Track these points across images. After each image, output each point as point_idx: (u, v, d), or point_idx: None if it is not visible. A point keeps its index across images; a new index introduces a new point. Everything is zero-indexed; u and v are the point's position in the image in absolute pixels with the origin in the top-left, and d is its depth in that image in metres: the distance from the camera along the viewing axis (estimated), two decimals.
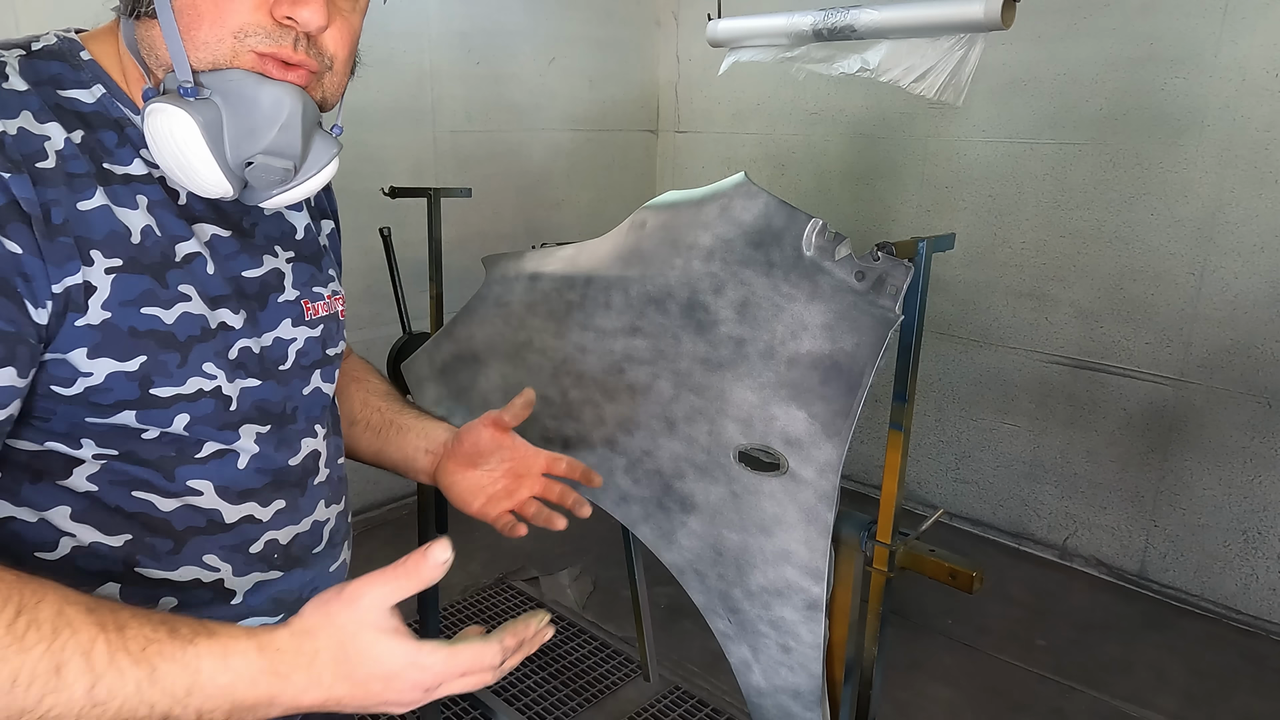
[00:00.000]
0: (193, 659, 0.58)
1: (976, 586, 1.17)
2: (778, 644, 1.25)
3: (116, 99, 0.73)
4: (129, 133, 0.73)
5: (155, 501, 0.75)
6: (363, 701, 0.64)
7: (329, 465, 0.92)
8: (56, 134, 0.68)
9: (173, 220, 0.74)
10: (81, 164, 0.68)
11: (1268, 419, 2.79)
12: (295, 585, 0.86)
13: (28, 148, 0.65)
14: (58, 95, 0.70)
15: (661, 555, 1.38)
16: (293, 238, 0.88)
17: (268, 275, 0.83)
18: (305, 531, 0.87)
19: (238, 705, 0.60)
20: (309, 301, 0.88)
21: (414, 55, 3.34)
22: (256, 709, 0.61)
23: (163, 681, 0.57)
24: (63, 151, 0.67)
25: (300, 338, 0.86)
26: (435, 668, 0.64)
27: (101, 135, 0.71)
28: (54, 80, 0.70)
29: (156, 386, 0.71)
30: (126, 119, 0.73)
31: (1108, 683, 2.58)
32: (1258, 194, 2.71)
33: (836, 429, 1.13)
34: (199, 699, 0.58)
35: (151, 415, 0.72)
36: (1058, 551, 3.31)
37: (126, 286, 0.69)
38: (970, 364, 3.45)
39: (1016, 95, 3.14)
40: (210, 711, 0.59)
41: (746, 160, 4.00)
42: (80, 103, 0.71)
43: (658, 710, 2.40)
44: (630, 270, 1.35)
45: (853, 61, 2.11)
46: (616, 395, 1.37)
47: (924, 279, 1.16)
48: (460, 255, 3.21)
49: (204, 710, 0.59)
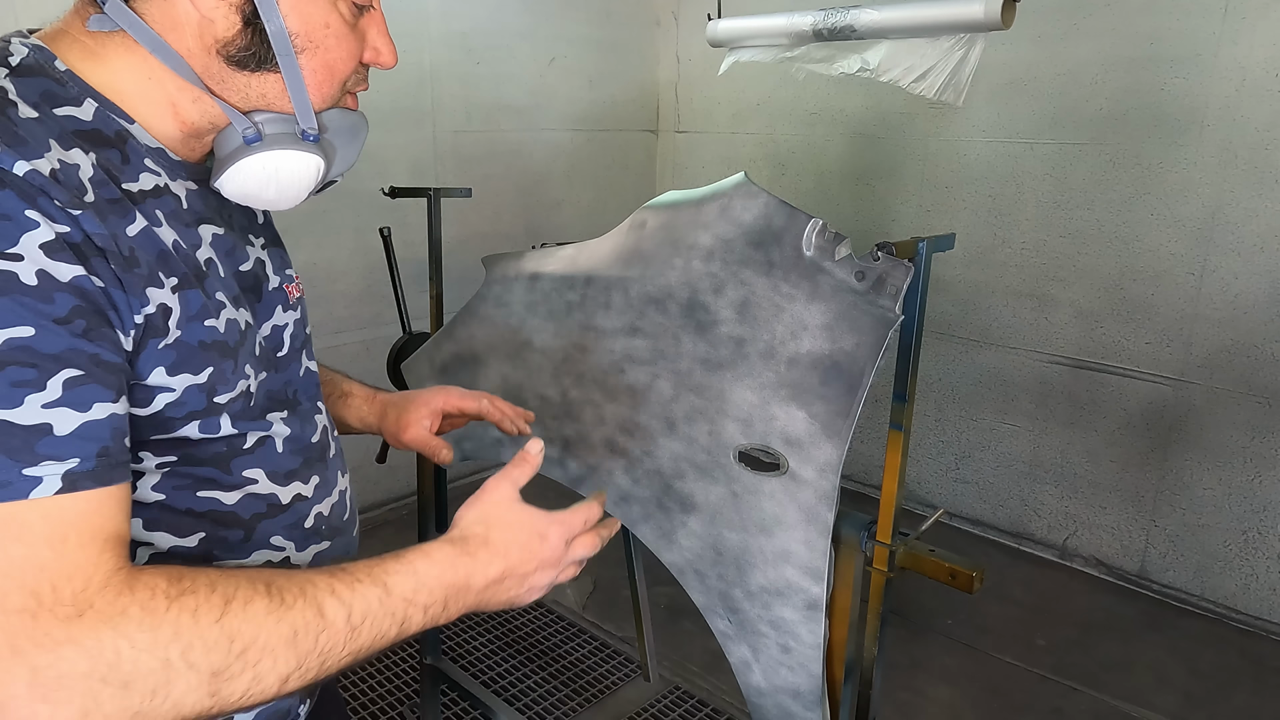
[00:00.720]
0: (407, 564, 0.72)
1: (976, 586, 1.17)
2: (778, 644, 1.25)
3: (110, 111, 0.71)
4: (130, 147, 0.71)
5: (220, 497, 0.78)
6: (527, 562, 0.79)
7: (334, 438, 0.97)
8: (83, 161, 0.65)
9: (186, 230, 0.75)
10: (110, 189, 0.67)
11: (1268, 419, 2.79)
12: (339, 552, 0.92)
13: (71, 181, 0.63)
14: (56, 116, 0.66)
15: (661, 555, 1.38)
16: (258, 224, 0.91)
17: (255, 266, 0.85)
18: (336, 501, 0.93)
19: (449, 589, 0.74)
20: (288, 285, 0.91)
21: (414, 55, 3.34)
22: (460, 592, 0.74)
23: (395, 590, 0.70)
24: (93, 179, 0.66)
25: (290, 322, 0.89)
26: (566, 519, 0.82)
27: (108, 154, 0.69)
28: (48, 98, 0.67)
29: (219, 394, 0.74)
30: (125, 132, 0.71)
31: (1108, 683, 2.58)
32: (1258, 194, 2.71)
33: (836, 429, 1.13)
34: (424, 595, 0.71)
35: (210, 422, 0.75)
36: (1058, 551, 3.31)
37: (188, 303, 0.71)
38: (970, 364, 3.45)
39: (1016, 95, 3.14)
40: (431, 604, 0.72)
41: (746, 160, 4.00)
42: (79, 120, 0.68)
43: (658, 710, 2.40)
44: (630, 270, 1.35)
45: (853, 61, 2.11)
46: (616, 395, 1.37)
47: (924, 279, 1.16)
48: (460, 255, 3.21)
49: (428, 604, 0.72)
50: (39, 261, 0.59)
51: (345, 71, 0.79)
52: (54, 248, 0.60)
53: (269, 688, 0.62)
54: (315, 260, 3.16)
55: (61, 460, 0.58)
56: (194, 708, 0.59)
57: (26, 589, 0.56)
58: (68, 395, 0.59)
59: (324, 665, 0.65)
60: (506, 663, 2.58)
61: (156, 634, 0.58)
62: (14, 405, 0.57)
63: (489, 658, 2.60)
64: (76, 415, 0.59)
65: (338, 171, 0.85)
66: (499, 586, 0.78)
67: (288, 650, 0.63)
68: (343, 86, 0.80)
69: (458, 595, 0.74)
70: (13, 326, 0.57)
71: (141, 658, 0.57)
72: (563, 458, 1.50)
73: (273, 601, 0.63)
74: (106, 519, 0.61)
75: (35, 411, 0.58)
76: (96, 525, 0.60)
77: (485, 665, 2.56)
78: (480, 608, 0.77)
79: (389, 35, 0.83)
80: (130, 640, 0.57)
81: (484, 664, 2.57)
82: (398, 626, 0.70)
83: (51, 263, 0.59)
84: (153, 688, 0.58)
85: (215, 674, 0.60)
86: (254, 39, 0.72)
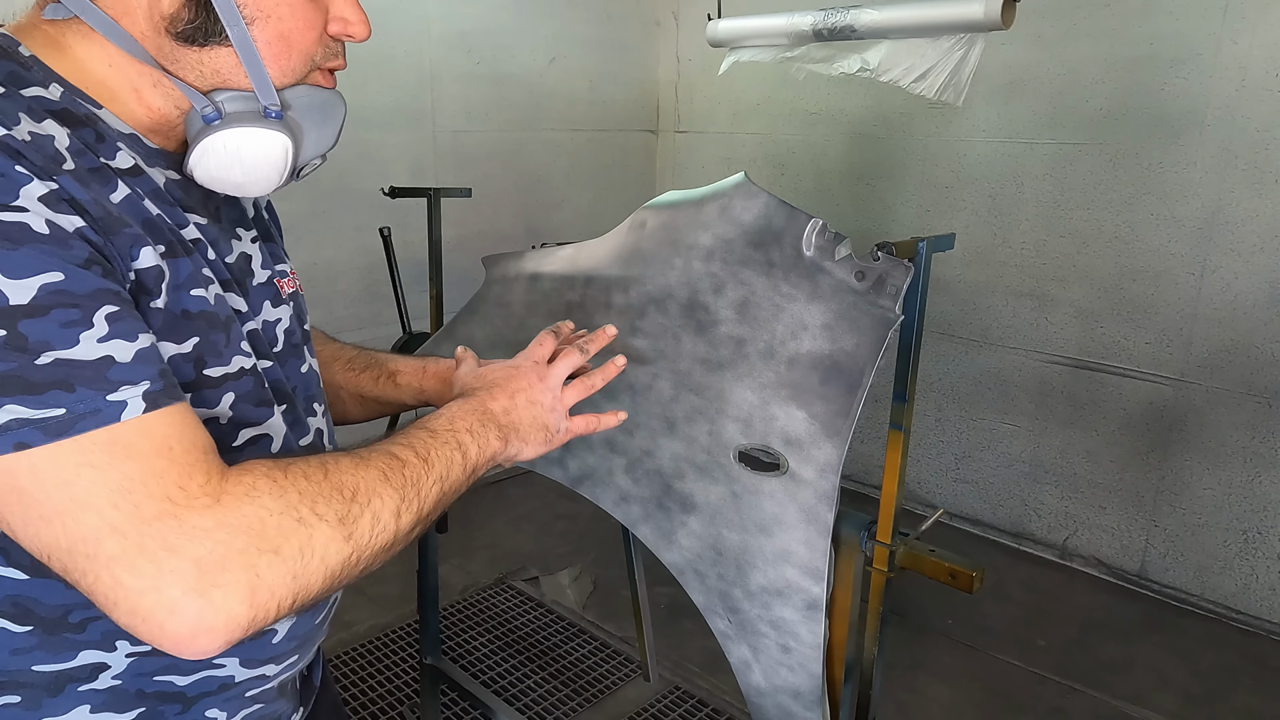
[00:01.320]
0: (432, 415, 0.85)
1: (976, 586, 1.17)
2: (778, 644, 1.25)
3: (76, 96, 0.71)
4: (101, 129, 0.71)
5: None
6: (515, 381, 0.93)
7: (330, 441, 0.94)
8: (58, 132, 0.66)
9: (170, 209, 0.74)
10: (90, 158, 0.68)
11: (1268, 419, 2.79)
12: None
13: (46, 150, 0.64)
14: (23, 95, 0.67)
15: (661, 555, 1.38)
16: (248, 218, 0.90)
17: (240, 259, 0.84)
18: None
19: (475, 414, 0.87)
20: (279, 280, 0.89)
21: (414, 55, 3.34)
22: (485, 415, 0.87)
23: (440, 433, 0.81)
24: (71, 149, 0.66)
25: (284, 317, 0.88)
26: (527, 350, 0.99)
27: (82, 132, 0.69)
28: (13, 79, 0.67)
29: (209, 367, 0.73)
30: (93, 115, 0.71)
31: (1108, 683, 2.58)
32: (1258, 194, 2.71)
33: (836, 429, 1.13)
34: (460, 422, 0.84)
35: (204, 396, 0.74)
36: (1058, 551, 3.31)
37: (177, 269, 0.71)
38: (970, 364, 3.45)
39: (1016, 95, 3.14)
40: (472, 428, 0.84)
41: (746, 160, 4.00)
42: (48, 100, 0.68)
43: (658, 710, 2.40)
44: (630, 270, 1.35)
45: (853, 61, 2.11)
46: (616, 395, 1.37)
47: (924, 279, 1.16)
48: (460, 255, 3.21)
49: (468, 428, 0.84)
50: (43, 212, 0.60)
51: (305, 43, 0.76)
52: (52, 200, 0.61)
53: (388, 524, 0.70)
54: (315, 260, 3.16)
55: (135, 384, 0.61)
56: (336, 557, 0.65)
57: (158, 495, 0.59)
58: (115, 328, 0.61)
59: (421, 495, 0.74)
60: (506, 663, 2.58)
61: (285, 498, 0.64)
62: (72, 344, 0.58)
63: (489, 658, 2.60)
64: (129, 345, 0.61)
65: (312, 153, 0.81)
66: (512, 404, 0.91)
67: (385, 487, 0.70)
68: (306, 60, 0.77)
69: (483, 419, 0.86)
70: (43, 273, 0.58)
71: (283, 522, 0.63)
72: (563, 457, 1.50)
73: (354, 458, 0.71)
74: (193, 428, 0.64)
75: (93, 346, 0.59)
76: (190, 434, 0.63)
77: (485, 665, 2.56)
78: (513, 433, 0.89)
79: (360, 6, 0.79)
80: (268, 509, 0.62)
81: (484, 664, 2.57)
82: (460, 453, 0.80)
83: (55, 214, 0.60)
84: (299, 546, 0.63)
85: (341, 520, 0.66)
86: (198, 11, 0.70)
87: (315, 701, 1.00)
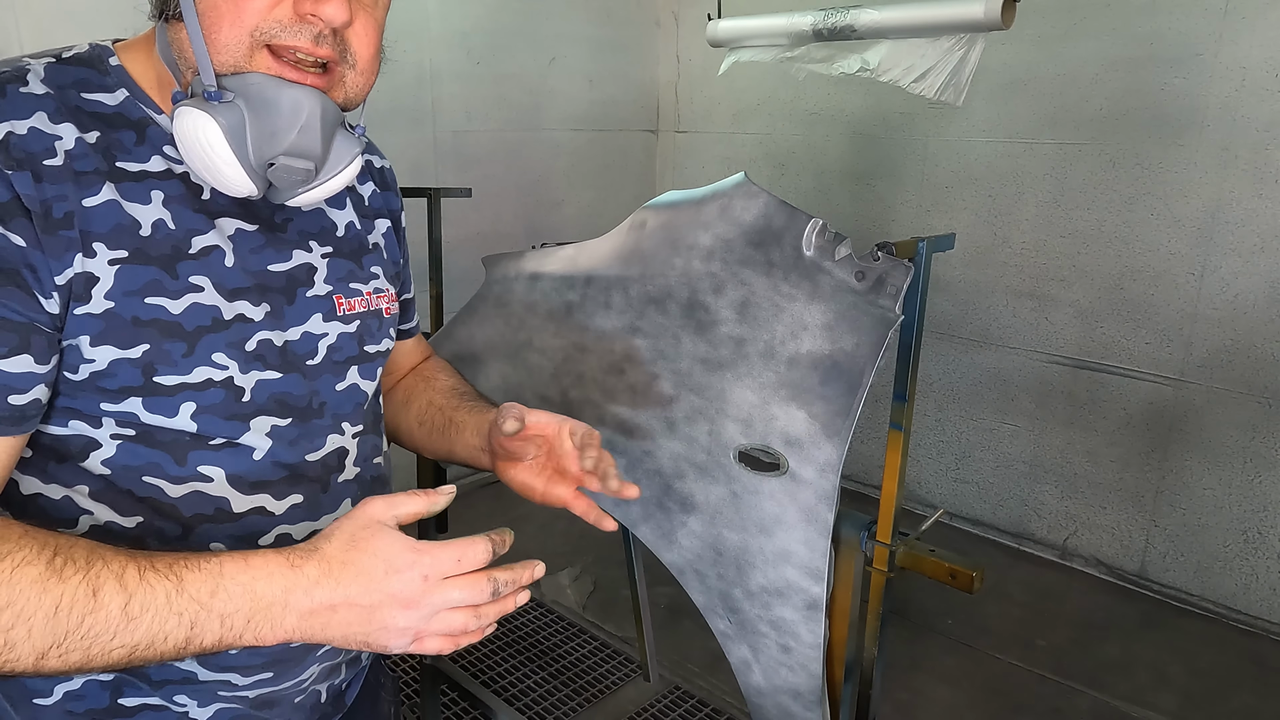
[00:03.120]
0: (216, 564, 0.64)
1: (976, 586, 1.17)
2: (778, 644, 1.25)
3: (139, 101, 0.77)
4: (150, 132, 0.76)
5: (164, 487, 0.77)
6: (369, 594, 0.66)
7: (360, 464, 0.91)
8: (69, 134, 0.71)
9: (190, 215, 0.77)
10: (91, 162, 0.72)
11: (1268, 419, 2.79)
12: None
13: (36, 146, 0.69)
14: (81, 98, 0.74)
15: (661, 555, 1.38)
16: (332, 234, 0.90)
17: (296, 270, 0.84)
18: (319, 529, 0.86)
19: (257, 601, 0.64)
20: (343, 297, 0.89)
21: (414, 55, 3.34)
22: (273, 608, 0.64)
23: (189, 589, 0.63)
24: (72, 150, 0.71)
25: (332, 333, 0.87)
26: (432, 550, 0.68)
27: (120, 135, 0.75)
28: (79, 84, 0.74)
29: (160, 374, 0.74)
30: (149, 119, 0.77)
31: (1108, 683, 2.58)
32: (1258, 194, 2.71)
33: (836, 429, 1.13)
34: (221, 600, 0.63)
35: (158, 403, 0.74)
36: (1058, 551, 3.31)
37: (131, 277, 0.72)
38: (970, 364, 3.45)
39: (1016, 95, 3.14)
40: (232, 614, 0.63)
41: (746, 160, 4.00)
42: (103, 105, 0.75)
43: (658, 710, 2.40)
44: (630, 270, 1.35)
45: (853, 61, 2.12)
46: (616, 395, 1.37)
47: (924, 279, 1.16)
48: (460, 255, 3.21)
49: (226, 612, 0.63)
50: None
51: (250, 21, 0.71)
52: None
53: (23, 657, 0.60)
54: None
55: None
56: None
57: None
58: None
59: (90, 651, 0.61)
60: (506, 663, 2.58)
61: None
62: None
63: (489, 658, 2.60)
64: None
65: (265, 151, 0.74)
66: (332, 615, 0.66)
67: (47, 624, 0.60)
68: (250, 37, 0.71)
69: (267, 612, 0.64)
70: None
71: None
72: None
73: (47, 571, 0.61)
74: None
75: None
76: None
77: (485, 665, 2.56)
78: (313, 638, 0.66)
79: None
80: None
81: (484, 664, 2.57)
82: (185, 630, 0.63)
83: None
84: None
85: None
86: None
87: (366, 675, 1.01)
